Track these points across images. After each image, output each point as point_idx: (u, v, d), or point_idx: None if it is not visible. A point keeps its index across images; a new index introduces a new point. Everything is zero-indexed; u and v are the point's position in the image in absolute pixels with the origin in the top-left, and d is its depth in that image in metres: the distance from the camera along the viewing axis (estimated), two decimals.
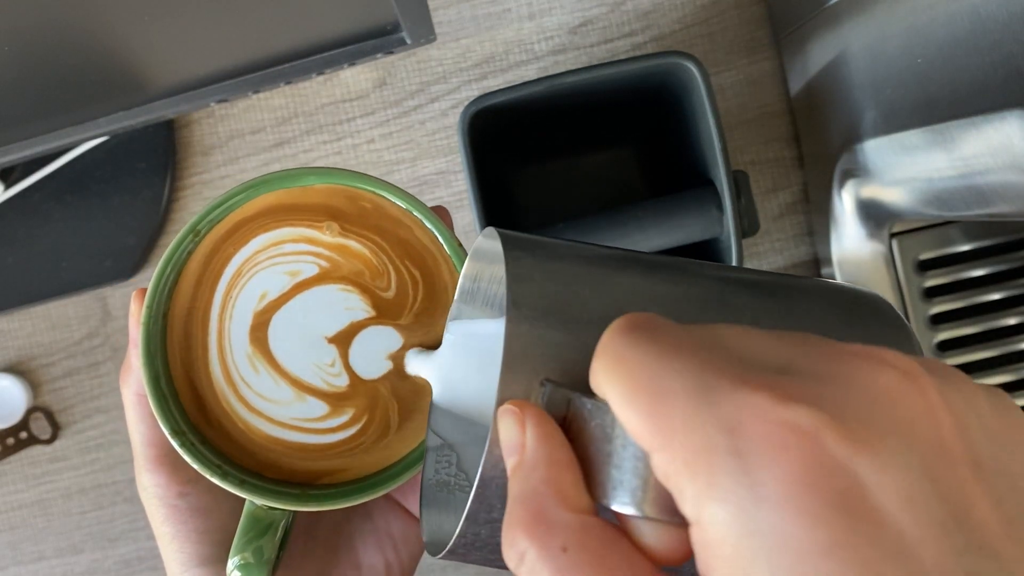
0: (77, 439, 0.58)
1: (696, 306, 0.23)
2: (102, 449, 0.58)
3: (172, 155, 0.55)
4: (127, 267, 0.55)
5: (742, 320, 0.23)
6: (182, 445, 0.29)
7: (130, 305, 0.30)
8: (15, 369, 0.58)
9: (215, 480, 0.29)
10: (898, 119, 0.41)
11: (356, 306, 0.30)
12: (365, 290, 0.30)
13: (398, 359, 0.30)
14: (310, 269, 0.30)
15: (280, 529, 0.29)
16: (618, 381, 0.18)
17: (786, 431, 0.16)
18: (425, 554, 0.32)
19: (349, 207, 0.31)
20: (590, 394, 0.19)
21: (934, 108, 0.38)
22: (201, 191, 0.57)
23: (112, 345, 0.57)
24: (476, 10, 0.56)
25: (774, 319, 0.23)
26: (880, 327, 0.24)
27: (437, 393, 0.28)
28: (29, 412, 0.57)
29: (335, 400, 0.30)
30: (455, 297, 0.28)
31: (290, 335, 0.30)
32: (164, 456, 0.30)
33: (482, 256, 0.27)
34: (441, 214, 0.32)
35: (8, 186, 0.55)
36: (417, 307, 0.31)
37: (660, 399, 0.17)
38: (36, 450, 0.58)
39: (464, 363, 0.28)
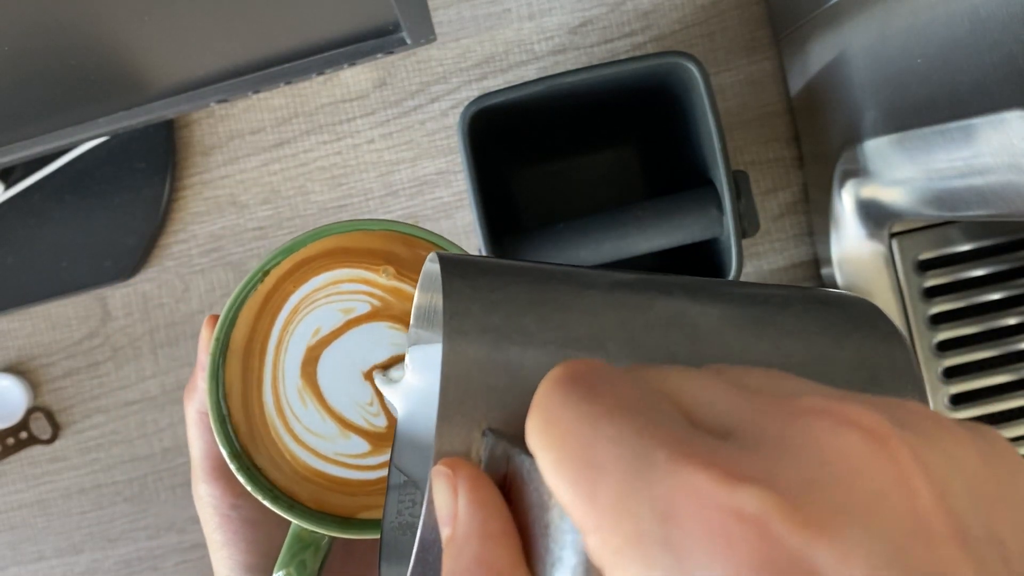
0: (77, 439, 0.58)
1: (658, 334, 0.21)
2: (102, 449, 0.58)
3: (172, 155, 0.55)
4: (127, 267, 0.55)
5: (711, 348, 0.21)
6: (239, 468, 0.31)
7: (201, 331, 0.33)
8: (15, 369, 0.58)
9: (266, 503, 0.30)
10: (898, 119, 0.41)
11: (402, 342, 0.32)
12: None
13: None
14: (363, 307, 0.32)
15: (322, 548, 0.31)
16: (548, 446, 0.16)
17: (728, 519, 0.13)
18: None
19: (406, 253, 0.32)
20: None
21: (934, 108, 0.38)
22: (201, 191, 0.57)
23: (112, 345, 0.57)
24: (476, 10, 0.56)
25: (750, 345, 0.21)
26: (873, 345, 0.22)
27: (401, 424, 0.28)
28: (29, 412, 0.57)
29: (376, 439, 0.31)
30: (411, 322, 0.28)
31: (337, 371, 0.31)
32: (220, 469, 0.33)
33: (432, 280, 0.26)
34: None
35: (8, 186, 0.55)
36: None
37: (590, 472, 0.15)
38: (36, 450, 0.58)
39: (424, 392, 0.27)
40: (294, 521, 0.30)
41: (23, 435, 0.57)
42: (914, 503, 0.14)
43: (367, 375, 0.31)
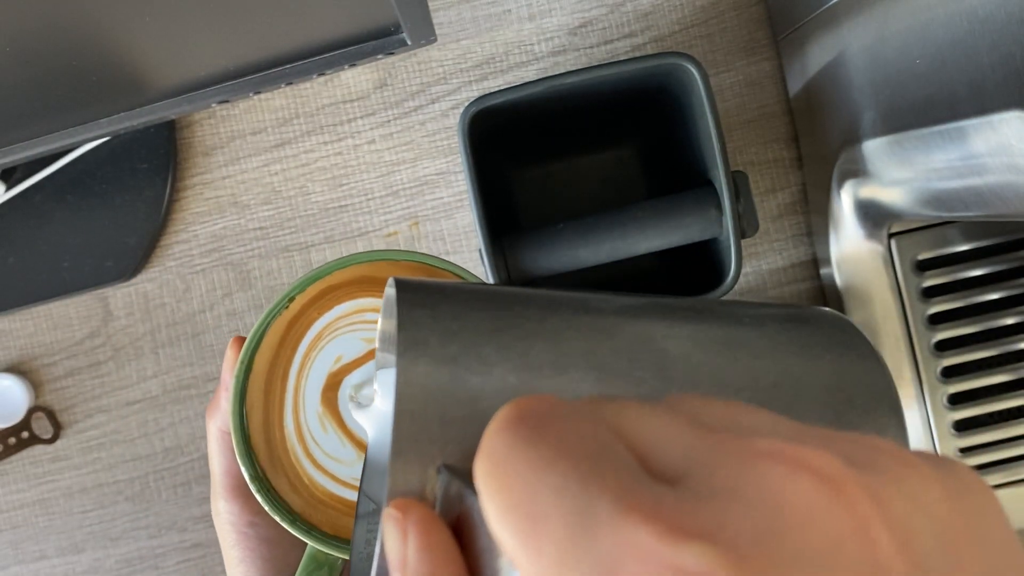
0: (78, 438, 0.58)
1: (625, 360, 0.20)
2: (103, 448, 0.58)
3: (173, 156, 0.55)
4: (128, 267, 0.56)
5: (679, 374, 0.20)
6: (259, 490, 0.31)
7: (226, 351, 0.33)
8: (17, 369, 0.58)
9: (285, 525, 0.31)
10: (896, 120, 0.41)
11: None
12: None
13: None
14: None
15: (337, 568, 0.32)
16: (494, 492, 0.15)
17: None
18: None
19: None
20: None
21: (932, 109, 0.38)
22: (202, 192, 0.57)
23: (113, 345, 0.57)
24: (476, 11, 0.56)
25: (720, 369, 0.20)
26: (849, 365, 0.21)
27: (370, 450, 0.27)
28: (31, 412, 0.57)
29: None
30: (377, 346, 0.26)
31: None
32: (239, 487, 0.33)
33: (394, 306, 0.25)
34: None
35: (10, 186, 0.55)
36: None
37: (534, 523, 0.14)
38: (38, 449, 0.58)
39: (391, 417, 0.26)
40: (310, 543, 0.31)
41: (25, 435, 0.57)
42: (874, 552, 0.13)
43: None
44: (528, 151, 0.55)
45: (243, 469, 0.31)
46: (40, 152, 0.45)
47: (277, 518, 0.31)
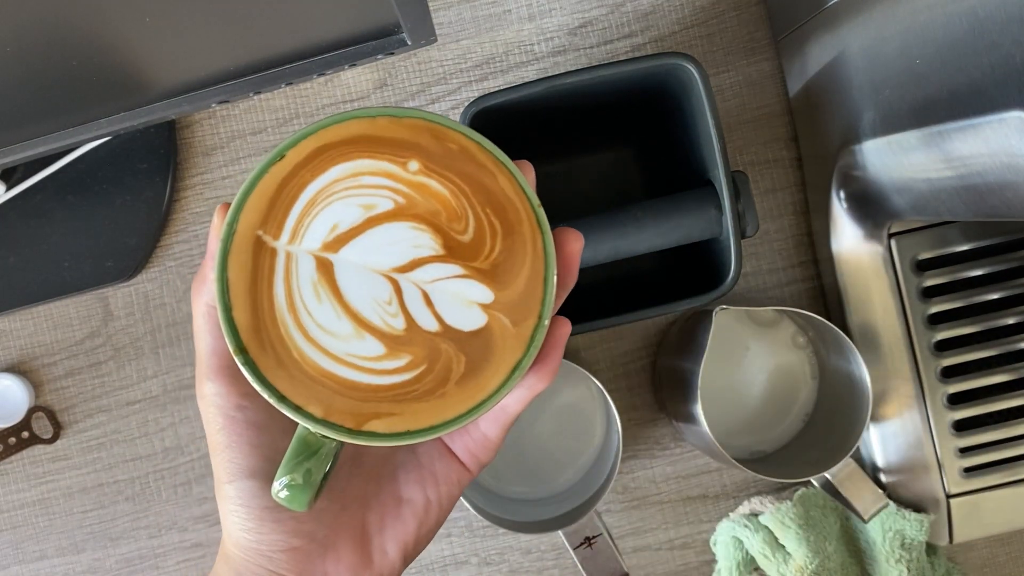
0: (79, 438, 0.58)
1: None
2: (103, 448, 0.58)
3: (174, 156, 0.55)
4: (129, 267, 0.56)
5: None
6: (245, 363, 0.28)
7: (214, 217, 0.30)
8: (17, 369, 0.58)
9: (272, 402, 0.28)
10: (896, 120, 0.42)
11: (425, 244, 0.30)
12: (438, 230, 0.30)
13: (466, 303, 0.30)
14: (385, 204, 0.30)
15: (329, 455, 0.29)
16: None
17: None
18: (425, 551, 0.32)
19: (435, 146, 0.30)
20: None
21: (932, 109, 0.38)
22: (203, 192, 0.57)
23: (114, 345, 0.58)
24: (476, 11, 0.56)
25: None
26: None
27: None
28: (31, 412, 0.57)
29: (392, 342, 0.29)
30: None
31: (354, 268, 0.29)
32: (227, 367, 0.31)
33: None
34: (525, 169, 0.31)
35: (10, 187, 0.55)
36: (495, 257, 0.30)
37: None
38: (38, 449, 0.58)
39: None
40: (301, 423, 0.28)
41: (25, 434, 0.57)
42: None
43: (387, 275, 0.29)
44: (528, 151, 0.55)
45: (228, 340, 0.28)
46: (40, 152, 0.45)
47: (264, 393, 0.28)
